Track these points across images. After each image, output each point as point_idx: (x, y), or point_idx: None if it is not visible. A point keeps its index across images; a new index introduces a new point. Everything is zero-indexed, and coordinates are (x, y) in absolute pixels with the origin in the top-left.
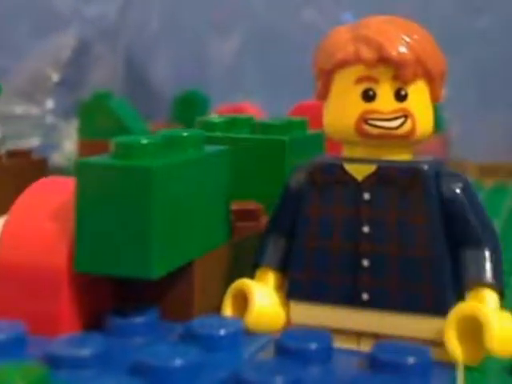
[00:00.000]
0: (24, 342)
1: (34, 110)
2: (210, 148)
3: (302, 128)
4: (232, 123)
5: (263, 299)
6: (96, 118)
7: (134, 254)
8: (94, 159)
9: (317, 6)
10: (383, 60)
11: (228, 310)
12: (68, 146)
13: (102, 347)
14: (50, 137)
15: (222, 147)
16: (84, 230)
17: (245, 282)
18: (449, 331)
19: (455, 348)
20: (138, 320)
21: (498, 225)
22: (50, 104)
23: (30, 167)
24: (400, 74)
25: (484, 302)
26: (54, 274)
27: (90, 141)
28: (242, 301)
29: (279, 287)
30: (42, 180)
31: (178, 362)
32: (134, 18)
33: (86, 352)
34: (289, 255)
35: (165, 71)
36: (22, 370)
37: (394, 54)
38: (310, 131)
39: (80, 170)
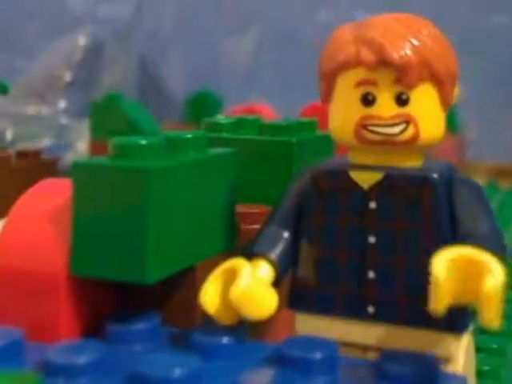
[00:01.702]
0: (21, 348)
1: (46, 111)
2: (214, 150)
3: (312, 129)
4: (239, 124)
5: (253, 278)
6: (108, 119)
7: (130, 257)
8: (91, 160)
9: (332, 7)
10: (384, 63)
11: (210, 290)
12: (81, 146)
13: (99, 355)
14: (62, 137)
15: (227, 149)
16: (80, 231)
17: (236, 260)
18: (439, 261)
19: (439, 272)
20: (139, 326)
21: None
22: (62, 104)
23: (39, 168)
24: (403, 77)
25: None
26: (52, 279)
27: (102, 141)
28: (230, 283)
29: (270, 281)
30: (42, 182)
31: (177, 372)
32: (147, 19)
33: (82, 360)
34: (287, 250)
35: (178, 72)
36: (16, 378)
37: (395, 56)
38: (320, 132)
39: (76, 171)
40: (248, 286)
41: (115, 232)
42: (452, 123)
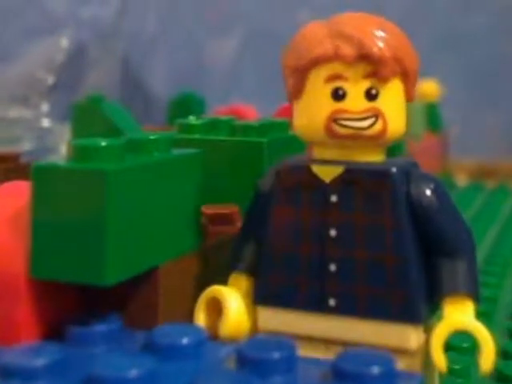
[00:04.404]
0: None
1: (28, 114)
2: (178, 151)
3: (284, 129)
4: (212, 125)
5: (239, 306)
6: (89, 122)
7: (88, 260)
8: (50, 162)
9: (312, 7)
10: (363, 57)
11: (201, 318)
12: (64, 149)
13: (56, 357)
14: (45, 140)
15: (192, 150)
16: (40, 234)
17: (218, 289)
18: (437, 344)
19: (441, 361)
20: (99, 328)
21: (496, 226)
22: (45, 107)
23: (17, 171)
24: (378, 71)
25: (467, 314)
26: (12, 281)
27: None
28: (215, 308)
29: (252, 292)
30: (4, 185)
31: (133, 372)
32: (130, 20)
33: (38, 362)
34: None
35: (161, 74)
36: None
37: (374, 50)
38: (292, 132)
39: (36, 174)
40: (236, 321)
41: (74, 234)
42: (435, 122)
